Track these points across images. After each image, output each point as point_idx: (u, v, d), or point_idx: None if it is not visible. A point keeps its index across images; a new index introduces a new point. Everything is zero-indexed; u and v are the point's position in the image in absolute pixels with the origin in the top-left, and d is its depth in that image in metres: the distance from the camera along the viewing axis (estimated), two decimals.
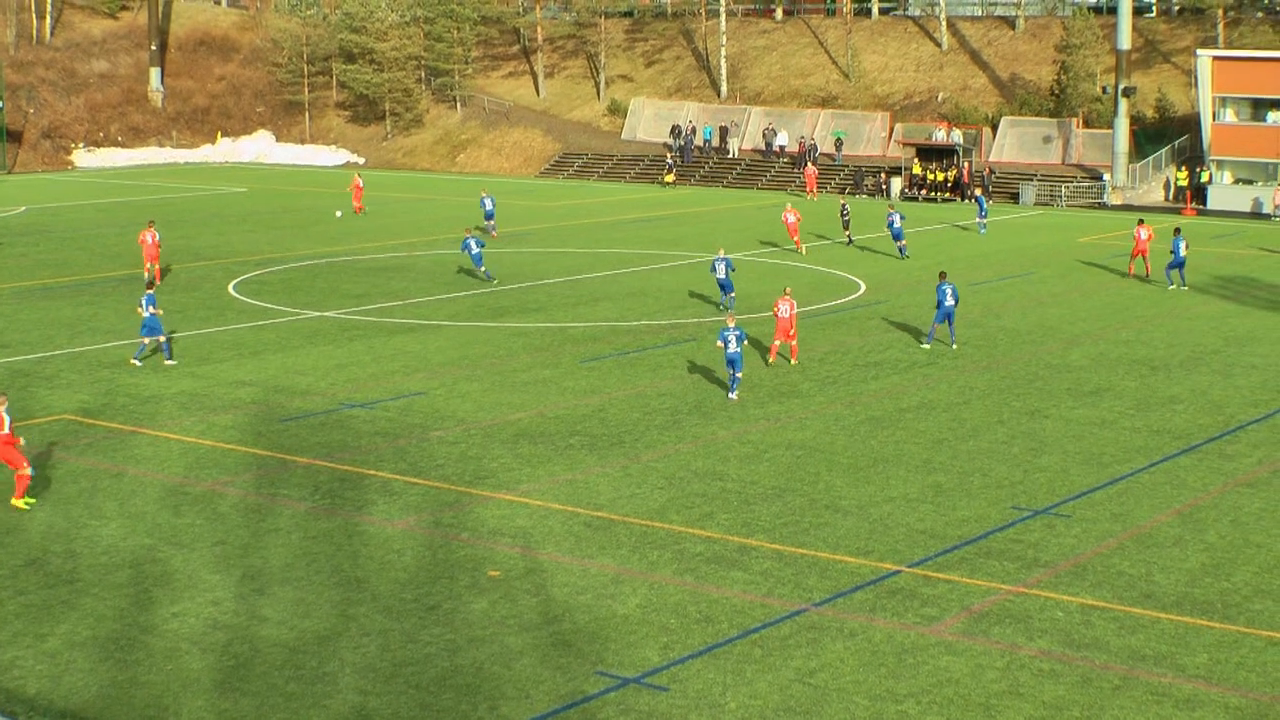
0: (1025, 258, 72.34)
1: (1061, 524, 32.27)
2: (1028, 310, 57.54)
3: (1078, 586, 28.59)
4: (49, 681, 24.35)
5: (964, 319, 53.60)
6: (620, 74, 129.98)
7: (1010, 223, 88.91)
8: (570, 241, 77.61)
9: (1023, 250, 75.35)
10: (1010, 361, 48.21)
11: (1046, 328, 53.82)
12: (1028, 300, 59.99)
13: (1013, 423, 40.50)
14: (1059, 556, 30.26)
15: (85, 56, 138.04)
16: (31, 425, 40.24)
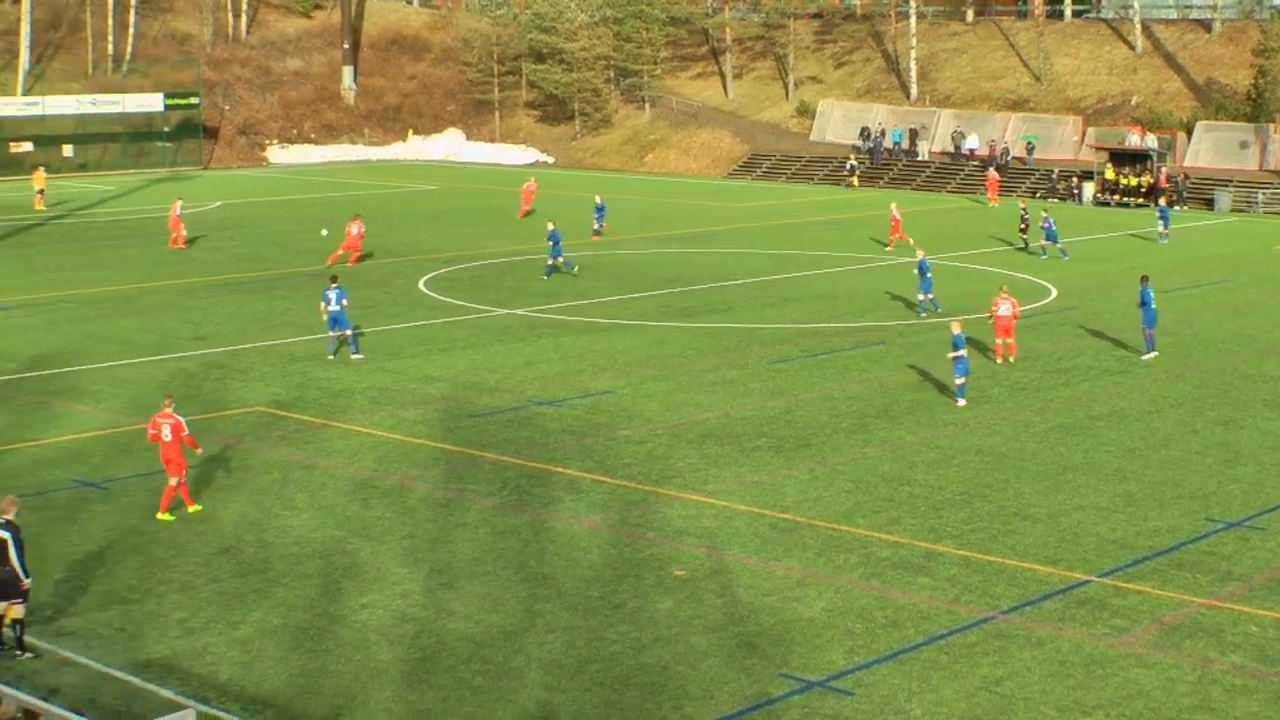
0: (1220, 264, 71.09)
1: (1256, 537, 31.66)
2: (1223, 318, 56.55)
3: (1273, 601, 28.04)
4: (240, 668, 24.72)
5: (1158, 327, 52.84)
6: (809, 75, 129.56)
7: (1205, 229, 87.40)
8: (758, 243, 77.48)
9: (1218, 257, 74.08)
10: (1204, 370, 47.40)
11: (1242, 336, 52.86)
12: (1223, 308, 58.95)
13: (1206, 432, 39.82)
14: (1253, 570, 29.70)
15: (280, 55, 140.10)
16: (225, 417, 40.94)
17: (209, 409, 41.90)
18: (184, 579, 28.76)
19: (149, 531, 31.53)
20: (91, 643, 25.77)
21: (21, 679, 23.79)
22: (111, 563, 29.69)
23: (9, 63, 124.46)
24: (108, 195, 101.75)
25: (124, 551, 30.33)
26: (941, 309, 55.32)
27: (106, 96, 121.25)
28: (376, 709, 23.18)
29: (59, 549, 30.36)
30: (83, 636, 26.04)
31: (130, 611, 27.19)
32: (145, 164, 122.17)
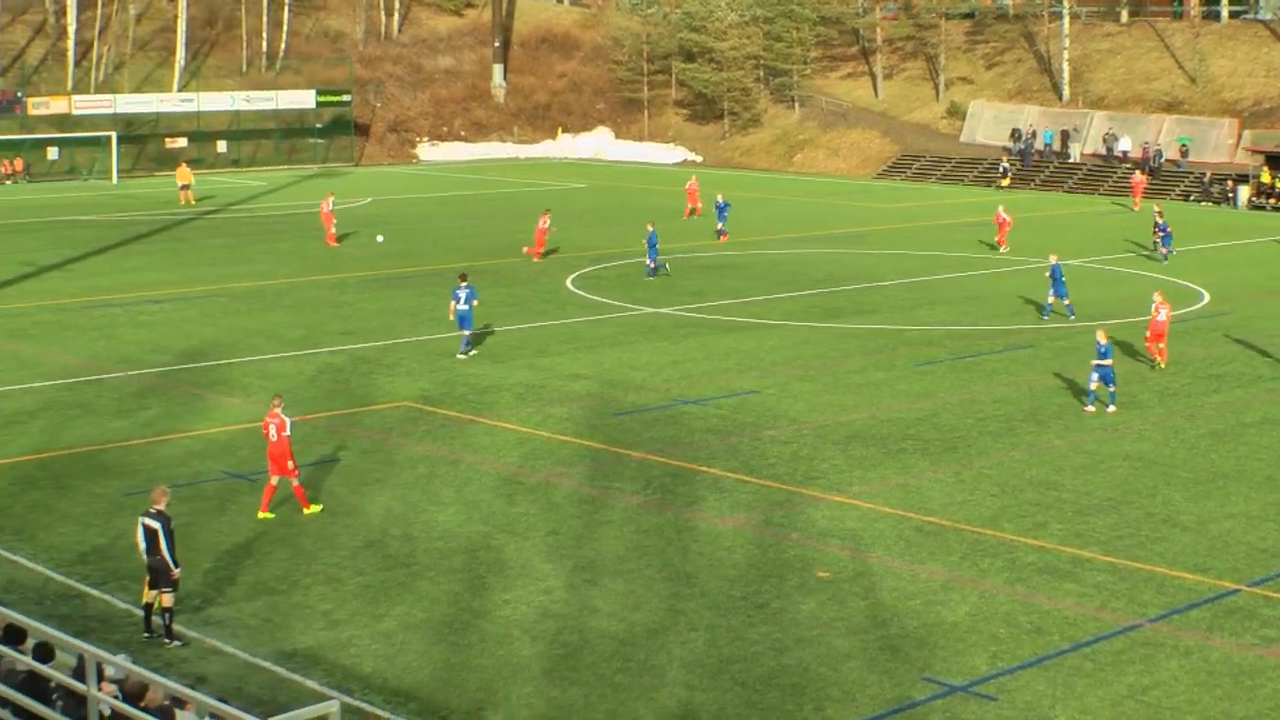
0: None
1: None
2: None
3: None
4: (384, 661, 24.92)
5: None
6: (960, 76, 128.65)
7: None
8: (907, 244, 77.08)
9: None
10: None
11: None
12: None
13: None
14: None
15: (431, 53, 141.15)
16: (372, 412, 41.31)
17: (357, 404, 42.30)
18: (330, 571, 29.04)
19: (296, 524, 31.87)
20: (238, 632, 26.09)
21: (169, 666, 24.12)
22: (259, 554, 30.04)
23: (166, 60, 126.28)
24: (260, 191, 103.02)
25: (271, 543, 30.67)
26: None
27: (260, 93, 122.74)
28: (518, 704, 23.27)
29: (208, 539, 30.75)
30: (230, 626, 26.36)
31: (277, 602, 27.50)
32: (297, 160, 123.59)
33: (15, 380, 44.87)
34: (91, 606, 27.35)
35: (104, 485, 34.47)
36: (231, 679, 24.03)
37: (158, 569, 25.56)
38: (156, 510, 25.90)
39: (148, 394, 43.28)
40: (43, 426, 39.72)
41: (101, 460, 36.56)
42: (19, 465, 36.21)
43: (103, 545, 30.51)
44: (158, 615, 25.77)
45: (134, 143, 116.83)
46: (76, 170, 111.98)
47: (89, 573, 28.96)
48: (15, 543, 30.65)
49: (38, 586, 28.28)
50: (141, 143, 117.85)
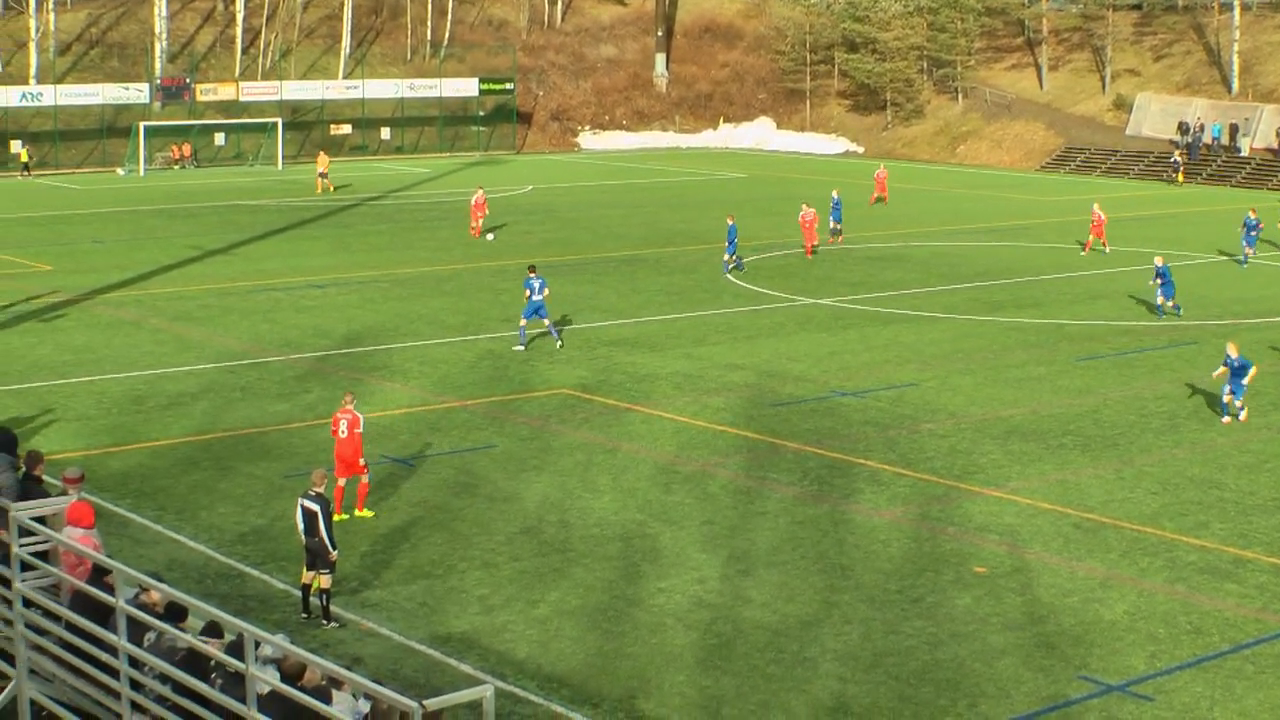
0: None
1: None
2: None
3: None
4: (538, 647, 25.02)
5: None
6: (1127, 68, 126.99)
7: None
8: (1070, 237, 76.21)
9: None
10: None
11: None
12: None
13: None
14: None
15: (594, 42, 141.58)
16: (531, 398, 41.49)
17: (516, 390, 42.51)
18: (486, 556, 29.20)
19: (453, 508, 32.07)
20: (394, 615, 26.30)
21: (326, 647, 24.37)
22: (416, 538, 30.27)
23: (331, 47, 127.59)
24: (423, 178, 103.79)
25: (429, 528, 30.89)
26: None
27: (424, 81, 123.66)
28: (670, 693, 23.28)
29: (366, 523, 31.02)
30: (386, 609, 26.59)
31: (433, 586, 27.69)
32: (460, 148, 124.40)
33: (180, 363, 45.53)
34: (250, 586, 27.70)
35: (264, 467, 34.90)
36: (387, 661, 24.25)
37: (316, 550, 25.67)
38: (315, 493, 25.90)
39: (309, 378, 43.76)
40: (205, 408, 40.27)
41: (262, 442, 37.01)
42: (182, 446, 36.74)
43: (262, 526, 30.90)
44: (315, 596, 25.98)
45: (299, 129, 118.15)
46: (243, 156, 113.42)
47: (248, 553, 29.34)
48: (177, 522, 31.11)
49: (199, 565, 28.68)
50: (306, 129, 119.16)
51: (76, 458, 34.05)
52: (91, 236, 72.91)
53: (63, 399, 41.04)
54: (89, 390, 42.09)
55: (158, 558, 28.65)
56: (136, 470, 34.68)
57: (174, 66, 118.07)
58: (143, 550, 29.12)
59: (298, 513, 26.00)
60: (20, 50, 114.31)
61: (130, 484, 33.58)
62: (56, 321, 51.55)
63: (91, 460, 34.39)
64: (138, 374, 44.01)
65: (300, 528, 25.90)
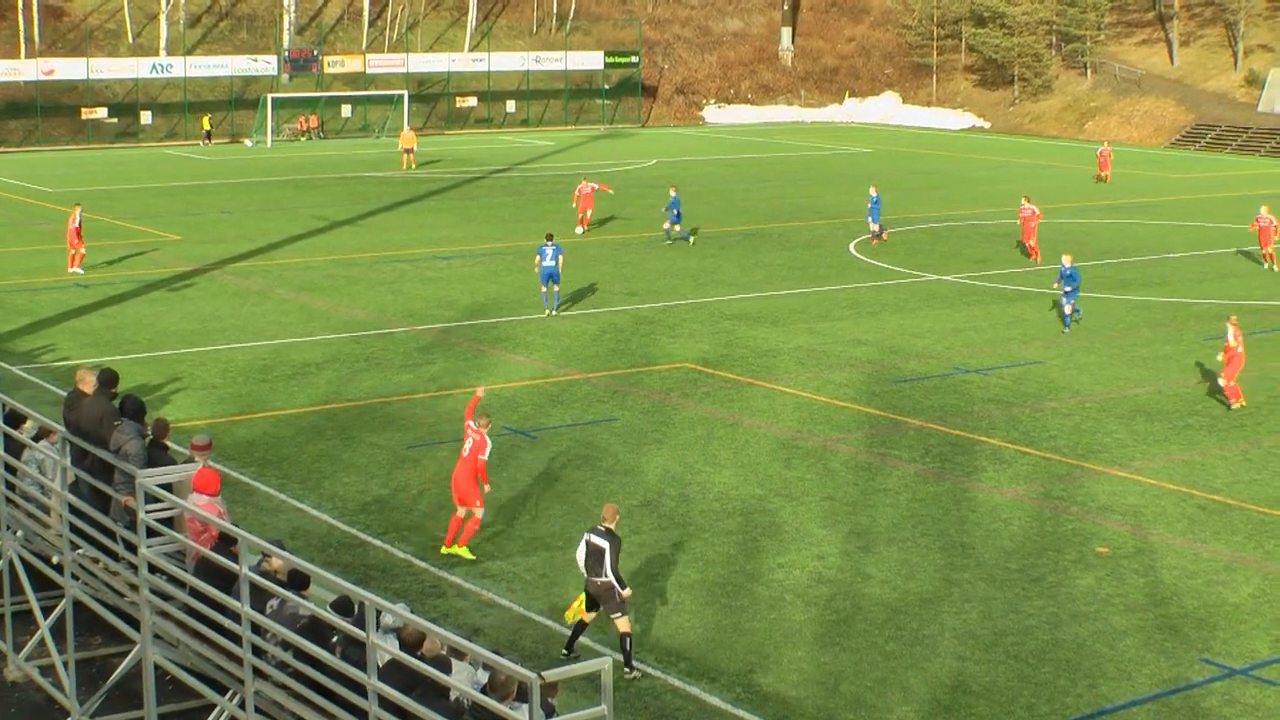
0: None
1: None
2: None
3: None
4: (657, 620, 25.09)
5: None
6: (1260, 43, 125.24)
7: None
8: (1200, 215, 75.37)
9: None
10: None
11: None
12: None
13: None
14: None
15: (720, 15, 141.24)
16: (653, 372, 41.54)
17: (638, 363, 42.57)
18: None
19: (574, 480, 32.18)
20: (514, 586, 26.45)
21: (446, 617, 24.54)
22: (537, 510, 30.41)
23: (458, 20, 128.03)
24: (547, 150, 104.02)
25: (549, 499, 31.02)
26: None
27: (549, 54, 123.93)
28: (788, 668, 23.28)
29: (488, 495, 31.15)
30: (506, 580, 26.73)
31: (553, 558, 27.80)
32: (584, 121, 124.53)
33: (305, 333, 45.92)
34: (372, 556, 27.92)
35: (387, 437, 35.15)
36: (507, 632, 24.41)
37: (600, 594, 23.20)
38: (606, 528, 23.35)
39: (432, 349, 44.01)
40: (330, 378, 40.61)
41: (386, 413, 37.27)
42: (306, 415, 37.08)
43: (384, 496, 31.13)
44: (616, 640, 23.44)
45: (425, 101, 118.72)
46: (369, 128, 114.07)
47: (370, 522, 29.57)
48: (301, 491, 31.40)
49: (321, 534, 28.95)
50: (432, 102, 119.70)
51: (203, 426, 34.48)
52: (220, 207, 73.62)
53: (190, 368, 41.51)
54: (215, 359, 42.54)
55: (281, 526, 28.96)
56: (261, 439, 35.03)
57: (301, 39, 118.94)
58: (266, 518, 29.44)
59: (581, 548, 23.54)
60: (151, 22, 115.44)
61: (255, 452, 33.93)
62: (184, 291, 52.14)
63: (217, 428, 34.78)
64: (263, 343, 44.43)
65: (581, 564, 23.49)
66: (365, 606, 16.17)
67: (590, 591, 23.31)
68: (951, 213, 73.94)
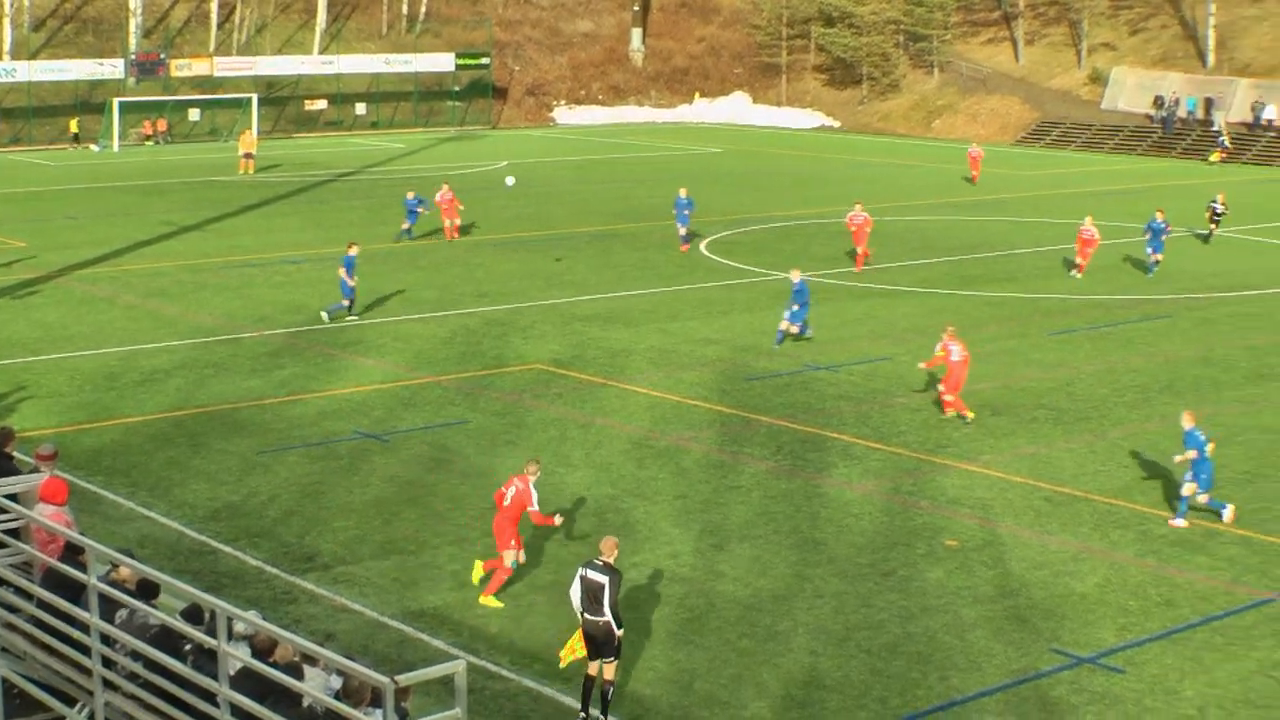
0: None
1: None
2: None
3: None
4: (510, 622, 25.08)
5: None
6: (1102, 42, 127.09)
7: None
8: (1046, 211, 76.36)
9: None
10: None
11: None
12: None
13: None
14: None
15: (570, 16, 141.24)
16: (505, 374, 41.51)
17: (490, 365, 42.51)
18: (459, 532, 29.23)
19: (427, 484, 32.10)
20: (367, 591, 26.33)
21: (299, 624, 24.38)
22: (390, 514, 30.28)
23: (307, 22, 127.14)
24: (398, 153, 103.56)
25: (402, 503, 30.91)
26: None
27: (399, 56, 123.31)
28: (643, 667, 23.35)
29: (339, 499, 31.04)
30: (359, 584, 26.61)
31: (406, 562, 27.73)
32: (435, 123, 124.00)
33: (153, 339, 45.44)
34: (223, 563, 27.69)
35: (237, 443, 34.87)
36: (360, 637, 24.29)
37: (598, 635, 21.66)
38: (604, 562, 21.71)
39: (282, 353, 43.71)
40: (179, 385, 40.22)
41: (235, 419, 36.97)
42: (155, 422, 36.70)
43: (235, 503, 30.88)
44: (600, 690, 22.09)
45: (274, 105, 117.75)
46: (217, 132, 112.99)
47: (221, 529, 29.33)
48: (150, 499, 31.09)
49: (171, 542, 28.67)
50: (282, 105, 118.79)
51: (49, 435, 34.01)
52: (66, 213, 72.67)
53: (35, 376, 40.95)
54: (61, 367, 42.01)
55: (130, 534, 28.64)
56: (109, 447, 34.64)
57: (149, 42, 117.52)
58: (115, 527, 29.09)
59: (575, 586, 21.90)
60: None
61: (103, 461, 33.55)
62: (29, 298, 51.39)
63: (64, 437, 34.34)
64: (111, 350, 43.93)
65: (577, 603, 21.86)
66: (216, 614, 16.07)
67: (590, 633, 21.69)
68: (801, 211, 74.43)
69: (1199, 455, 29.95)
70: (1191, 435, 30.18)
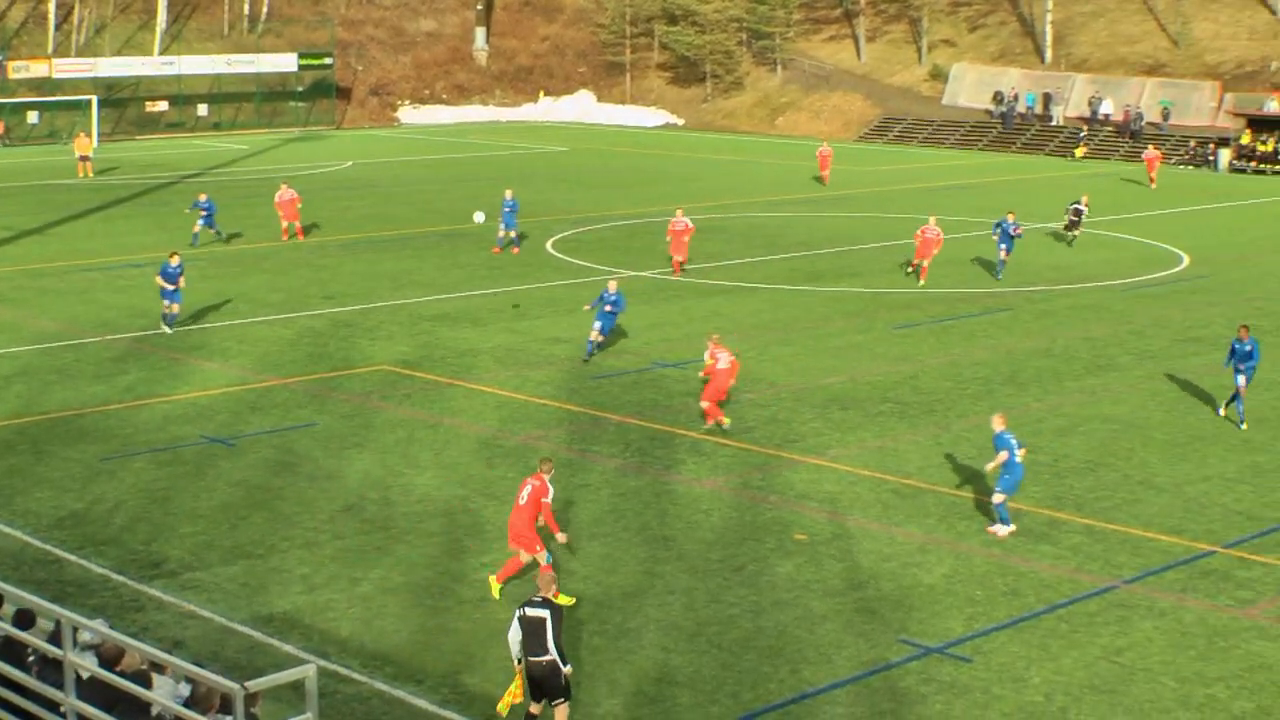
0: None
1: None
2: None
3: None
4: (361, 625, 24.96)
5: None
6: (943, 39, 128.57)
7: None
8: (888, 207, 77.10)
9: None
10: None
11: None
12: None
13: None
14: None
15: (413, 15, 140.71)
16: (352, 375, 41.29)
17: (337, 367, 42.26)
18: (308, 535, 29.06)
19: (274, 488, 31.86)
20: (216, 597, 26.10)
21: (146, 631, 24.15)
22: (237, 519, 30.03)
23: (146, 23, 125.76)
24: (241, 154, 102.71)
25: (250, 507, 30.66)
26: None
27: (241, 56, 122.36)
28: (495, 667, 23.31)
29: (186, 504, 30.74)
30: (207, 590, 26.37)
31: (254, 567, 27.51)
32: (278, 124, 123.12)
33: None
34: (68, 571, 27.32)
35: (81, 450, 34.43)
36: (209, 643, 24.06)
37: (542, 676, 20.65)
38: (543, 598, 20.80)
39: (126, 358, 43.22)
40: (19, 392, 39.65)
41: (79, 425, 36.50)
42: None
43: (80, 510, 30.49)
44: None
45: (115, 106, 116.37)
46: (56, 134, 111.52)
47: (65, 538, 28.93)
48: None
49: (14, 552, 28.25)
50: (122, 106, 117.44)
51: None
52: None
53: None
54: None
55: None
56: None
57: None
58: None
59: (513, 627, 20.81)
60: None
61: None
62: None
63: None
64: None
65: (515, 648, 20.81)
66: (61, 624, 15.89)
67: (533, 675, 20.66)
68: (646, 209, 74.60)
69: (1009, 457, 29.57)
70: (1001, 438, 29.78)
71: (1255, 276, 57.39)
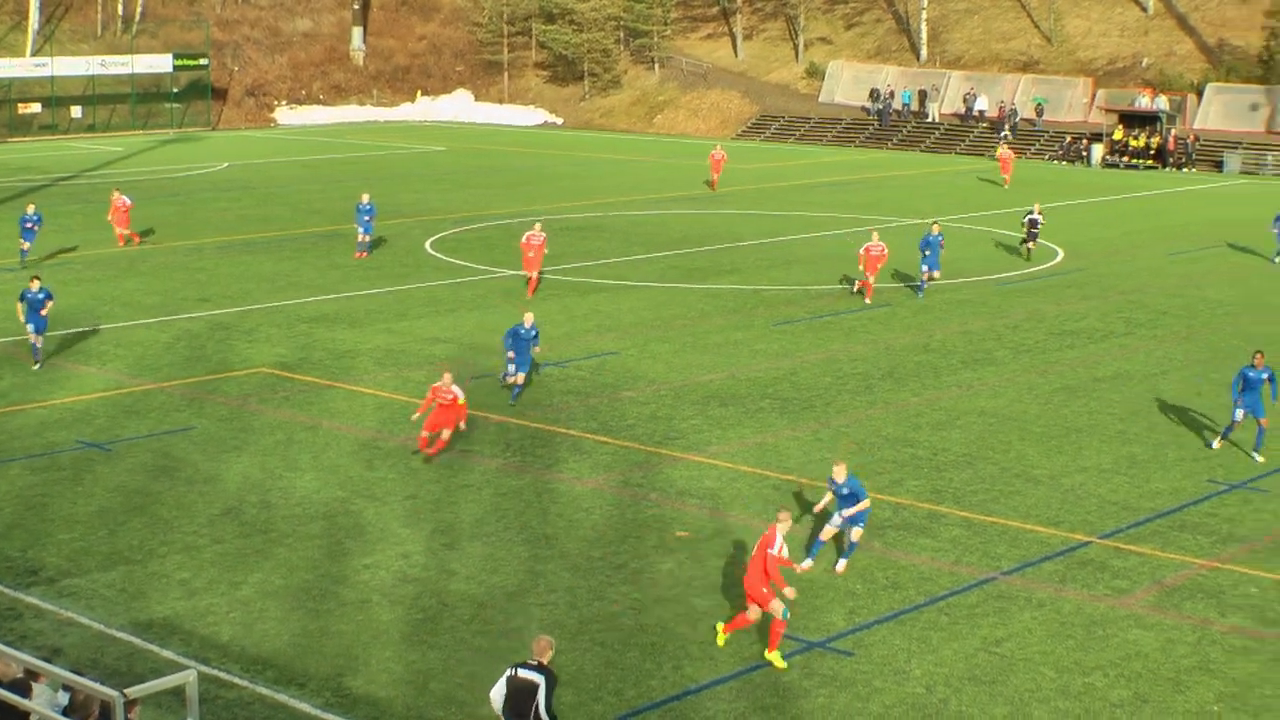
0: (1227, 227, 70.84)
1: (1259, 499, 31.74)
2: (1230, 281, 56.52)
3: (1274, 563, 28.15)
4: (241, 629, 24.80)
5: (1163, 289, 53.22)
6: (819, 36, 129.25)
7: (1213, 192, 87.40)
8: (766, 204, 77.43)
9: (1225, 220, 73.84)
10: (1210, 333, 47.43)
11: (1249, 299, 52.84)
12: (1230, 271, 58.95)
13: (1211, 395, 39.74)
14: (1255, 532, 29.80)
15: (289, 15, 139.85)
16: (230, 378, 41.00)
17: (215, 370, 41.94)
18: (187, 540, 28.84)
19: (153, 492, 31.59)
20: (94, 603, 25.85)
21: (24, 639, 23.88)
22: (115, 524, 29.75)
23: (18, 24, 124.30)
24: (116, 156, 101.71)
25: (128, 513, 30.38)
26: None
27: (115, 58, 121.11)
28: (377, 669, 23.26)
29: (63, 510, 30.42)
30: (85, 597, 26.11)
31: (133, 572, 27.27)
32: (154, 125, 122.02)
33: None
34: None
35: None
36: (88, 651, 23.84)
37: None
38: (538, 663, 19.50)
39: (0, 364, 42.70)
40: None
41: None
42: None
43: None
44: None
45: None
46: None
47: None
48: None
49: None
50: None
51: None
52: None
53: None
54: None
55: None
56: None
57: None
58: None
59: (499, 688, 19.56)
60: None
61: None
62: None
63: None
64: None
65: (497, 706, 19.58)
66: None
67: None
68: (526, 208, 74.48)
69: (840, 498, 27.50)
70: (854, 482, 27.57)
71: (1128, 270, 58.10)
